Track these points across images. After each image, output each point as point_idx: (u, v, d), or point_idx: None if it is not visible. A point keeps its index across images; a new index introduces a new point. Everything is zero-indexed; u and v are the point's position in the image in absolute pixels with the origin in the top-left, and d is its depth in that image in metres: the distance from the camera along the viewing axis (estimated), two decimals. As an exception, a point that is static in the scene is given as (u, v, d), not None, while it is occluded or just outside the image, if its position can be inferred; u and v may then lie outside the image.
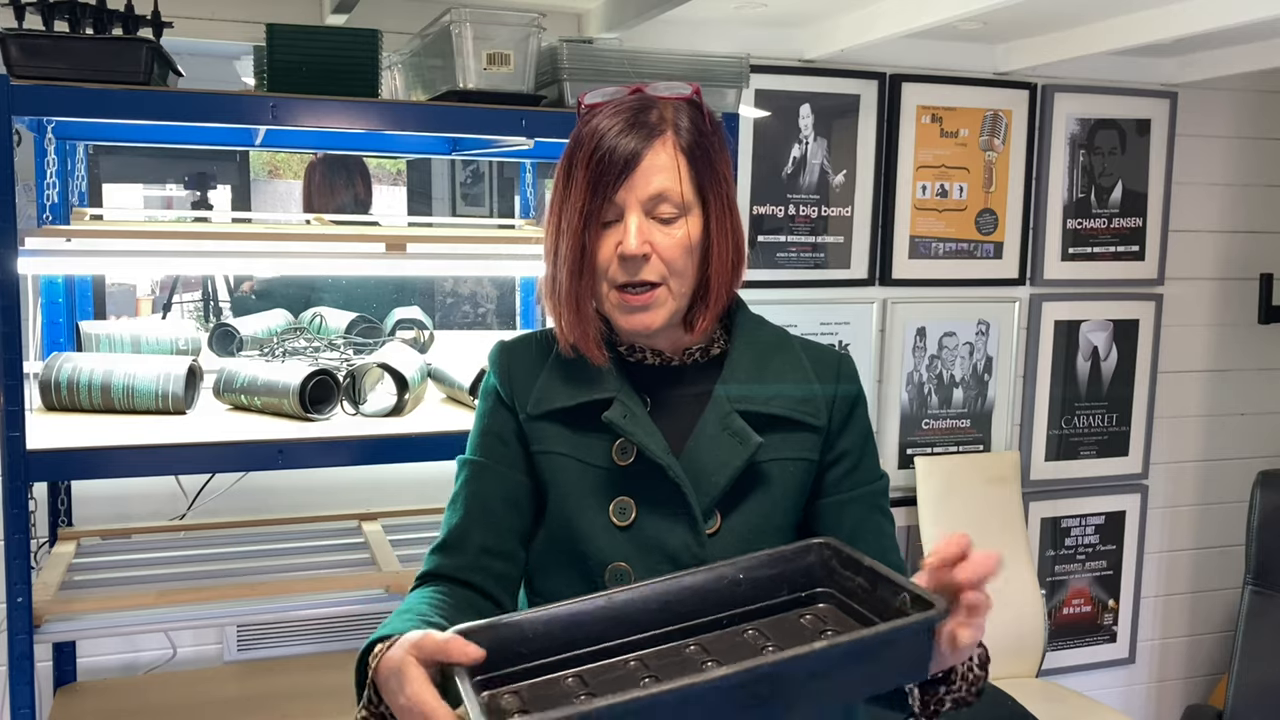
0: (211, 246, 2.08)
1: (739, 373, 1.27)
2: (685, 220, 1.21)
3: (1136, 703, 3.55)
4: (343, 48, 1.95)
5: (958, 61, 3.07)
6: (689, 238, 1.20)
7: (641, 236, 1.19)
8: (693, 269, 1.22)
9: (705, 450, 1.23)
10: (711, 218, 1.22)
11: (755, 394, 1.26)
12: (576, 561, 1.24)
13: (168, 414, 2.11)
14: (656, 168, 1.19)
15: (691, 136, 1.21)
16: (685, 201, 1.20)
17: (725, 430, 1.23)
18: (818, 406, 1.27)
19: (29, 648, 1.79)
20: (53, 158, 2.32)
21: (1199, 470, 3.53)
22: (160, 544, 2.30)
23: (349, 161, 3.11)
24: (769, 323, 1.35)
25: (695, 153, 1.21)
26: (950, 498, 3.10)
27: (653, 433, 1.23)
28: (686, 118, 1.22)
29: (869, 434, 1.32)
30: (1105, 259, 3.30)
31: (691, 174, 1.21)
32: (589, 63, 2.02)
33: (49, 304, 2.43)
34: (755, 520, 1.24)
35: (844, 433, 1.29)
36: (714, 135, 1.25)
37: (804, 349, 1.32)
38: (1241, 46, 2.94)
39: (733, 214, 1.25)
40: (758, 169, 2.93)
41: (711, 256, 1.22)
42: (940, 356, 3.19)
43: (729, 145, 1.28)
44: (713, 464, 1.23)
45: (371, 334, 2.60)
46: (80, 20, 1.83)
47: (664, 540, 1.22)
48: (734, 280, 1.26)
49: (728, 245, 1.23)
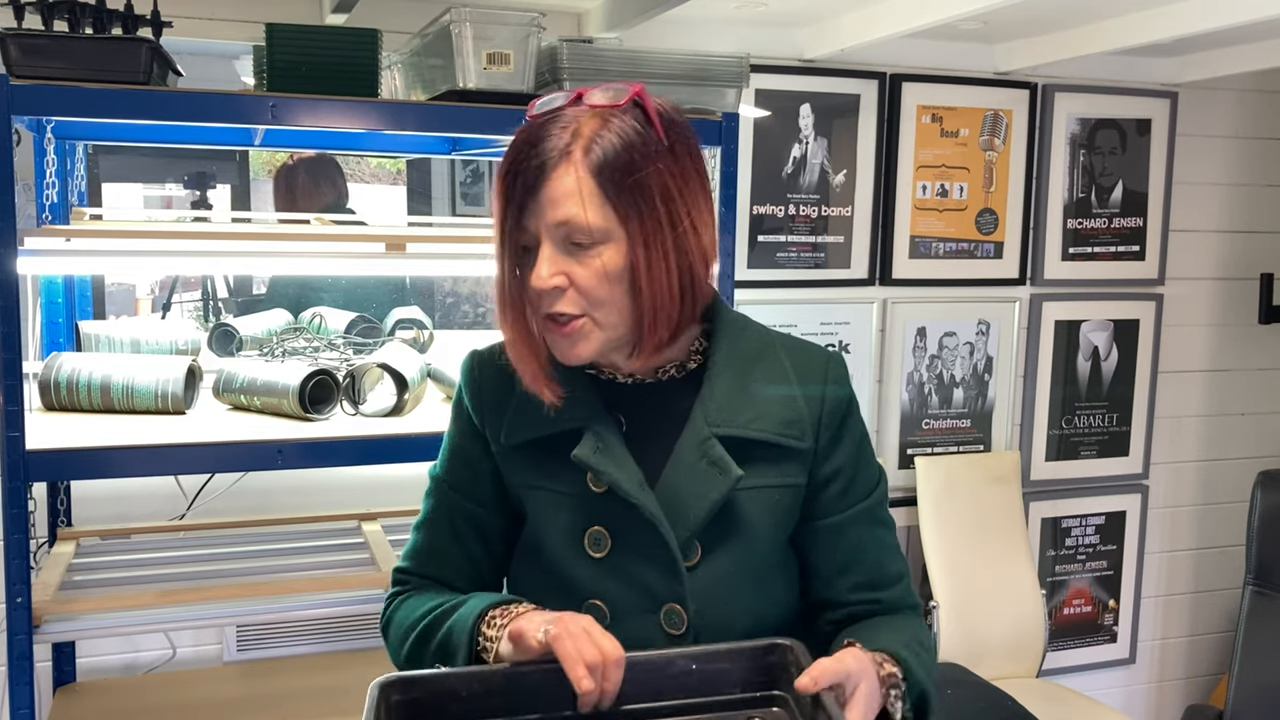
0: (211, 246, 2.08)
1: (718, 391, 1.17)
2: (603, 248, 1.08)
3: (1137, 703, 3.55)
4: (343, 47, 1.95)
5: (958, 61, 3.07)
6: (604, 267, 1.08)
7: (553, 268, 1.08)
8: (621, 297, 1.10)
9: (682, 480, 1.15)
10: (637, 242, 1.08)
11: (735, 416, 1.16)
12: (553, 593, 1.19)
13: (167, 414, 2.11)
14: (561, 194, 1.07)
15: (608, 155, 1.07)
16: (596, 229, 1.07)
17: (703, 458, 1.14)
18: (804, 428, 1.17)
19: (28, 648, 1.79)
20: (52, 157, 2.32)
21: (1199, 470, 3.53)
22: (160, 544, 2.30)
23: (325, 164, 3.07)
24: (753, 325, 1.24)
25: (611, 173, 1.07)
26: (950, 498, 3.10)
27: (624, 466, 1.15)
28: (613, 131, 1.08)
29: (862, 440, 1.23)
30: (1105, 259, 3.30)
31: (604, 198, 1.07)
32: (589, 62, 2.02)
33: (48, 304, 2.43)
34: (739, 551, 1.16)
35: (835, 450, 1.20)
36: (652, 147, 1.10)
37: (789, 354, 1.21)
38: (1241, 46, 2.94)
39: (675, 231, 1.09)
40: (758, 169, 2.93)
41: (641, 284, 1.09)
42: (940, 356, 3.19)
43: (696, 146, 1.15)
44: (690, 496, 1.14)
45: (371, 334, 2.60)
46: (80, 20, 1.83)
47: (641, 574, 1.15)
48: (684, 304, 1.12)
49: (664, 269, 1.09)
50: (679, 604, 1.13)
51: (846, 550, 1.20)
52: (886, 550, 1.23)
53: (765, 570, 1.17)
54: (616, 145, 1.08)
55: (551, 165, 1.07)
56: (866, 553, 1.21)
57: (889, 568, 1.22)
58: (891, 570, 1.23)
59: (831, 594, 1.22)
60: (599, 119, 1.09)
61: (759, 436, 1.15)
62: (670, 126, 1.12)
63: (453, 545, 1.25)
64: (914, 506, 3.12)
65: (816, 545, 1.21)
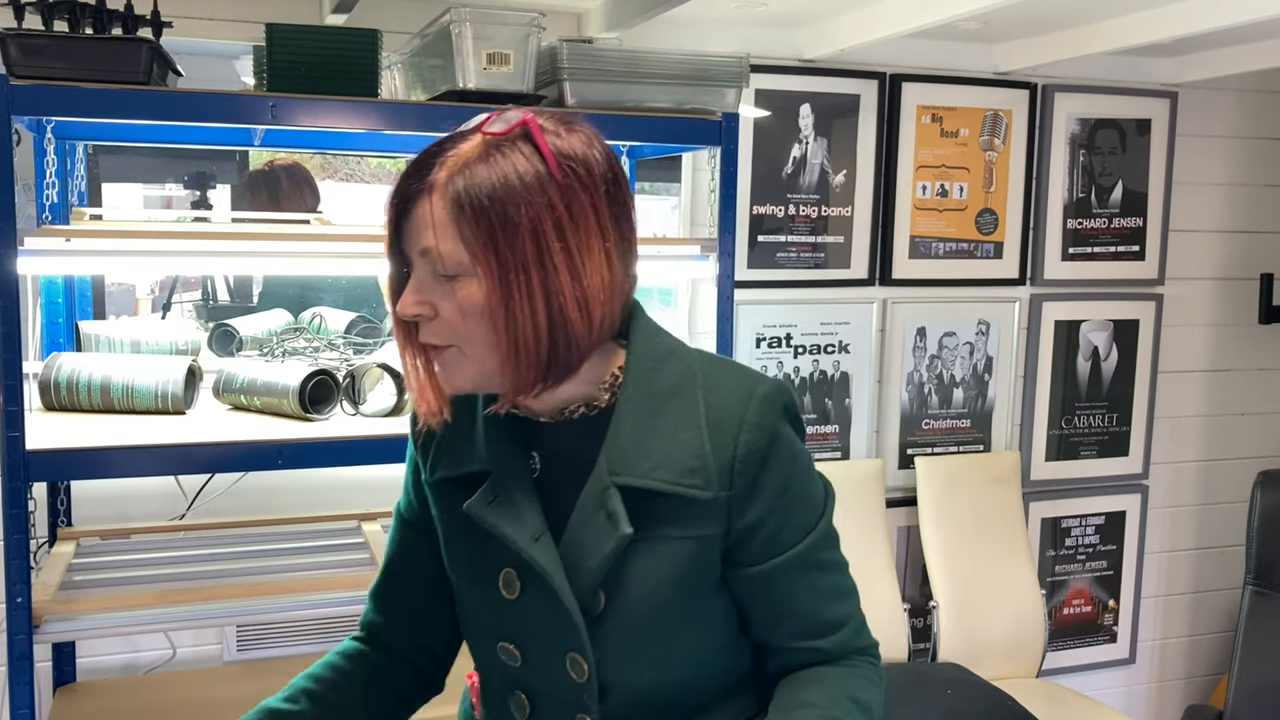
0: (211, 246, 2.08)
1: (622, 436, 1.09)
2: (464, 281, 1.03)
3: (1137, 703, 3.55)
4: (343, 47, 1.95)
5: (958, 61, 3.07)
6: (464, 301, 1.03)
7: (416, 296, 1.05)
8: (485, 333, 1.04)
9: (582, 531, 1.10)
10: (495, 279, 1.02)
11: (637, 464, 1.08)
12: (471, 629, 1.18)
13: (167, 414, 2.11)
14: (421, 223, 1.03)
15: (471, 187, 1.01)
16: (451, 262, 1.02)
17: (601, 509, 1.08)
18: (709, 476, 1.08)
19: (28, 648, 1.79)
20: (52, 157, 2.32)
21: (1199, 470, 3.53)
22: (160, 544, 2.30)
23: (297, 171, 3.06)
24: (676, 357, 1.13)
25: (472, 206, 1.01)
26: (950, 498, 3.10)
27: (521, 517, 1.10)
28: (487, 162, 1.02)
29: (790, 483, 1.11)
30: (1105, 259, 3.30)
31: (459, 230, 1.01)
32: (589, 62, 2.02)
33: (48, 304, 2.43)
34: (644, 600, 1.10)
35: (753, 498, 1.09)
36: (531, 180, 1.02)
37: (708, 392, 1.11)
38: (1242, 46, 2.94)
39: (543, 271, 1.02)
40: (758, 169, 2.93)
41: (499, 324, 1.03)
42: (940, 356, 3.19)
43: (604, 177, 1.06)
44: (588, 547, 1.09)
45: (371, 334, 2.60)
46: (80, 20, 1.83)
47: (547, 620, 1.11)
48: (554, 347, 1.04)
49: (527, 311, 1.02)
50: (579, 653, 1.10)
51: (778, 599, 1.14)
52: (822, 596, 1.15)
53: (674, 621, 1.11)
54: (485, 177, 1.01)
55: (421, 193, 1.03)
56: (799, 601, 1.14)
57: (826, 615, 1.15)
58: (829, 617, 1.16)
59: (771, 640, 1.17)
60: (482, 148, 1.03)
61: (658, 487, 1.07)
62: (567, 159, 1.04)
63: (399, 583, 1.27)
64: (914, 506, 3.12)
65: (747, 594, 1.14)
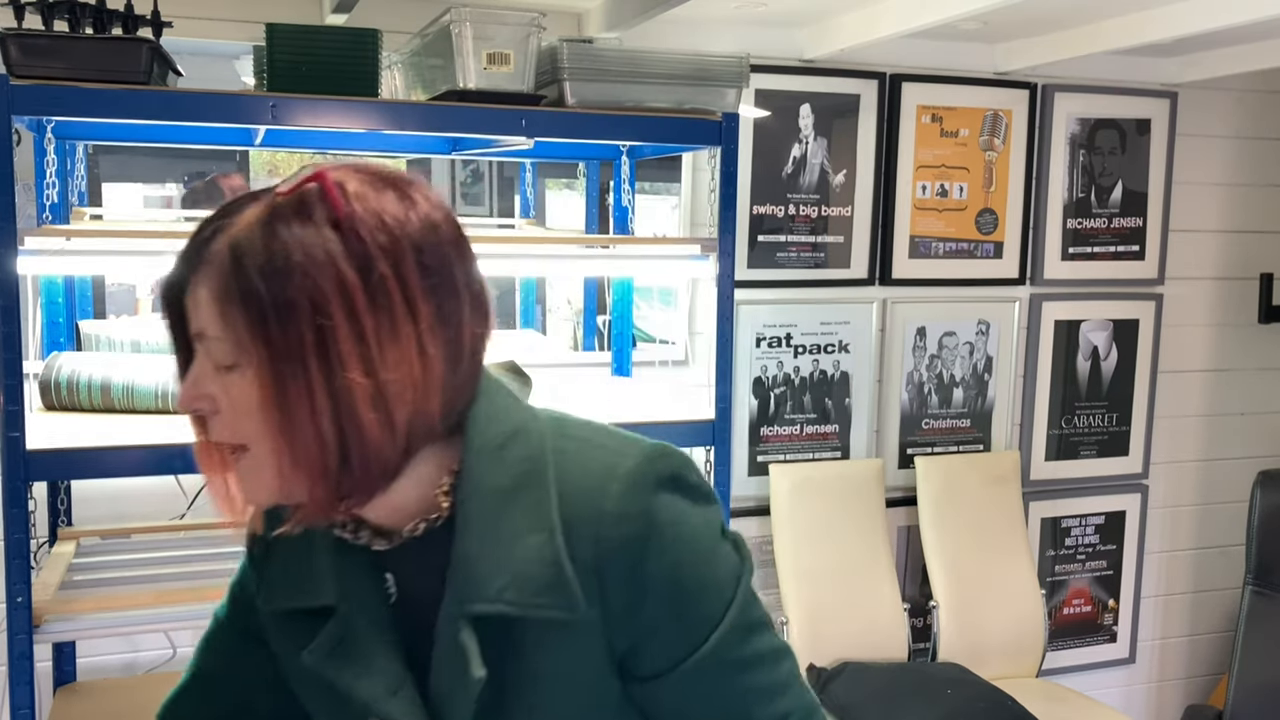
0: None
1: (467, 552, 0.90)
2: (240, 371, 0.84)
3: (1136, 703, 3.55)
4: (343, 47, 1.95)
5: (958, 61, 3.07)
6: (236, 397, 0.85)
7: (194, 389, 0.87)
8: (268, 435, 0.85)
9: (444, 668, 0.92)
10: (267, 372, 0.83)
11: (486, 586, 0.88)
12: None
13: (168, 414, 2.11)
14: (193, 303, 0.86)
15: (243, 261, 0.82)
16: (221, 349, 0.85)
17: (455, 644, 0.90)
18: (569, 591, 0.88)
19: (29, 648, 1.79)
20: (52, 157, 2.31)
21: (1199, 470, 3.53)
22: (160, 544, 2.30)
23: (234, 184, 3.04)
24: (517, 441, 0.91)
25: (240, 285, 0.82)
26: (950, 498, 3.10)
27: (371, 665, 0.93)
28: (267, 231, 0.83)
29: (676, 574, 0.91)
30: (1105, 259, 3.30)
31: (225, 314, 0.83)
32: (589, 62, 2.02)
33: (49, 304, 2.43)
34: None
35: (632, 605, 0.90)
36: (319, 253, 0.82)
37: (560, 481, 0.90)
38: (1241, 46, 2.94)
39: (325, 365, 0.82)
40: (758, 169, 2.93)
41: (280, 426, 0.84)
42: (940, 356, 3.19)
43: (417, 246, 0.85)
44: (451, 689, 0.91)
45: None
46: (80, 20, 1.83)
47: None
48: (345, 458, 0.84)
49: (306, 411, 0.83)
50: None
51: (696, 708, 0.95)
52: (752, 698, 0.96)
53: None
54: (259, 248, 0.82)
55: (196, 266, 0.85)
56: (719, 709, 0.95)
57: (756, 715, 0.96)
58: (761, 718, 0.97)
59: None
60: (267, 212, 0.84)
61: (511, 612, 0.88)
62: (368, 224, 0.84)
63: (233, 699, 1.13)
64: (914, 506, 3.12)
65: (659, 707, 0.96)
